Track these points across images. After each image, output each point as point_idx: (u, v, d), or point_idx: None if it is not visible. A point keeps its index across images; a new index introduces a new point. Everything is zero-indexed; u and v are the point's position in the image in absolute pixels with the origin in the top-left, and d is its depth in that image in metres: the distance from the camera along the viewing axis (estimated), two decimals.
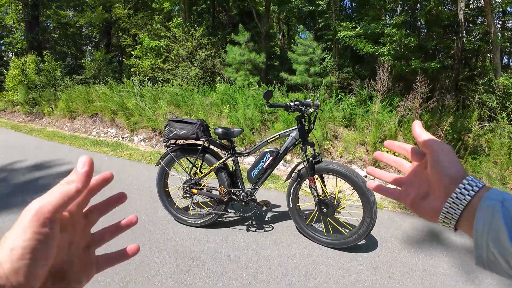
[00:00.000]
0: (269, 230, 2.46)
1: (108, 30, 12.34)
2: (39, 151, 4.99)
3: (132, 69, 9.07)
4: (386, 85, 5.40)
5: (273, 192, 3.25)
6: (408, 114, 5.29)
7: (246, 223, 2.56)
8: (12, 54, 14.67)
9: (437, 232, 2.53)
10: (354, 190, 2.05)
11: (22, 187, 3.41)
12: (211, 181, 2.48)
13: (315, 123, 2.21)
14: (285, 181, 2.34)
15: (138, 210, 2.80)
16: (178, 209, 2.57)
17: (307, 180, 2.17)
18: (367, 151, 5.04)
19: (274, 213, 2.77)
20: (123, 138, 6.75)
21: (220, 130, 2.23)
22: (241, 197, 2.28)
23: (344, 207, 2.34)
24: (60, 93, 9.05)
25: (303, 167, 2.17)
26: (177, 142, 2.45)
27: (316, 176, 2.18)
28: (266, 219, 2.67)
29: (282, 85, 6.70)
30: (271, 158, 2.18)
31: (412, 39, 7.28)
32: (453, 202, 0.35)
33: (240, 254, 2.14)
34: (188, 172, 2.40)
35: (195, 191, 2.37)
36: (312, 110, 2.10)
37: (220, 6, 12.88)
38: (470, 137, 4.74)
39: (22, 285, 0.24)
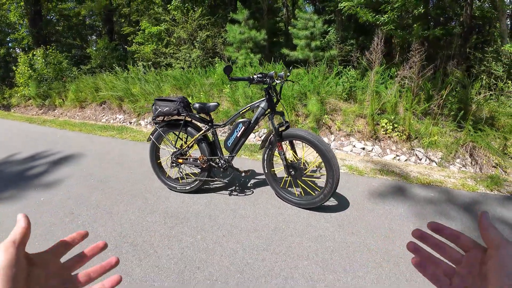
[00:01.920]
0: (249, 194, 2.83)
1: (110, 17, 12.74)
2: (53, 139, 5.56)
3: (135, 55, 9.47)
4: (381, 54, 5.48)
5: (260, 163, 3.61)
6: (406, 84, 5.32)
7: (229, 189, 2.94)
8: (19, 50, 15.42)
9: (408, 189, 2.82)
10: (318, 154, 2.35)
11: (19, 176, 3.95)
12: (196, 152, 2.85)
13: (281, 94, 2.49)
14: (260, 149, 2.68)
15: (136, 182, 3.24)
16: (170, 178, 2.98)
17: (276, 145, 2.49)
18: (366, 123, 5.17)
19: (256, 180, 3.14)
20: (131, 122, 7.26)
21: (197, 105, 2.58)
22: (220, 164, 2.64)
23: (310, 170, 2.65)
24: (69, 84, 9.62)
25: (272, 135, 2.49)
26: (164, 119, 2.82)
27: (287, 142, 2.50)
28: (248, 185, 3.04)
29: (284, 61, 6.86)
30: (243, 128, 2.51)
31: (417, 5, 7.17)
32: None
33: (219, 213, 2.53)
34: (174, 145, 2.78)
35: (180, 160, 2.76)
36: (277, 81, 2.39)
37: None
38: (472, 106, 4.82)
39: None
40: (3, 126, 7.83)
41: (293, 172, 2.49)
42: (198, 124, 2.78)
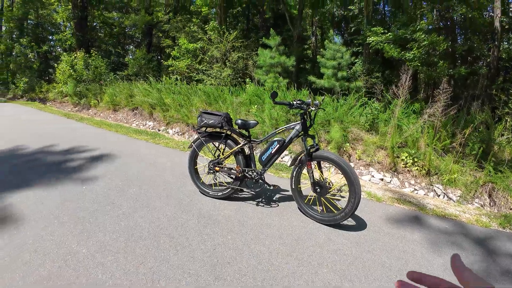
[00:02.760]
0: (275, 207, 3.11)
1: (150, 31, 13.68)
2: (91, 135, 6.05)
3: (169, 69, 10.12)
4: (407, 90, 5.74)
5: (284, 180, 3.90)
6: (429, 120, 5.51)
7: (257, 200, 3.23)
8: (61, 50, 16.59)
9: (424, 220, 3.03)
10: (343, 175, 2.63)
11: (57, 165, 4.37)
12: (231, 163, 3.19)
13: (315, 119, 2.82)
14: (289, 166, 2.99)
15: (171, 184, 3.59)
16: (204, 183, 3.31)
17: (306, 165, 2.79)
18: (386, 155, 5.34)
19: (281, 195, 3.42)
20: (160, 130, 7.73)
21: (239, 121, 2.93)
22: (253, 175, 2.96)
23: (334, 189, 2.92)
24: (105, 88, 10.33)
25: (303, 155, 2.80)
26: (206, 130, 3.18)
27: (315, 162, 2.80)
28: (274, 198, 3.32)
29: (310, 88, 7.25)
30: (278, 145, 2.84)
31: (442, 43, 7.48)
32: None
33: (247, 219, 2.82)
34: (213, 154, 3.13)
35: (217, 168, 3.09)
36: (312, 108, 2.73)
37: (254, 9, 13.71)
38: (494, 147, 4.81)
39: None
40: (41, 117, 8.46)
41: (318, 189, 2.76)
42: (237, 138, 3.12)
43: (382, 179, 4.83)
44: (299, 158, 2.83)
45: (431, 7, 7.96)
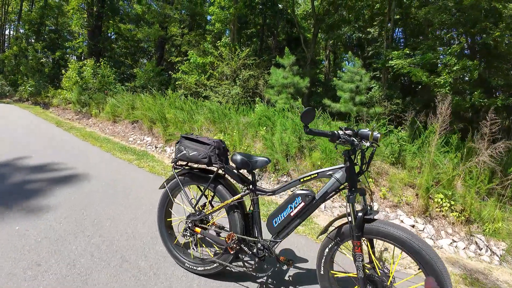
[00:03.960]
0: None
1: (163, 45, 12.82)
2: (71, 150, 4.84)
3: (177, 83, 9.07)
4: (447, 118, 4.47)
5: (301, 239, 2.54)
6: (471, 160, 4.30)
7: (259, 281, 1.89)
8: (73, 57, 15.88)
9: None
10: (420, 268, 1.31)
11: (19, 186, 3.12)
12: (223, 220, 1.87)
13: (370, 163, 1.52)
14: (318, 236, 1.66)
15: (138, 236, 2.28)
16: (178, 246, 2.00)
17: (350, 242, 1.47)
18: (416, 195, 4.11)
19: (298, 271, 2.07)
20: (157, 147, 6.53)
21: (239, 157, 1.65)
22: (255, 250, 1.64)
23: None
24: (109, 98, 9.29)
25: (346, 223, 1.48)
26: (188, 165, 1.90)
27: (364, 239, 1.48)
28: (287, 278, 1.97)
29: (325, 112, 6.05)
30: (302, 204, 1.53)
31: (472, 68, 6.26)
32: None
33: None
34: (195, 204, 1.82)
35: (198, 230, 1.78)
36: (367, 144, 1.45)
37: (268, 31, 12.80)
38: None
39: None
40: (30, 122, 7.37)
41: None
42: (234, 183, 1.82)
43: (413, 226, 3.66)
44: (338, 227, 1.51)
45: (463, 30, 6.78)
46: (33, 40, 15.93)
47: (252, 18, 12.59)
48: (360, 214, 1.43)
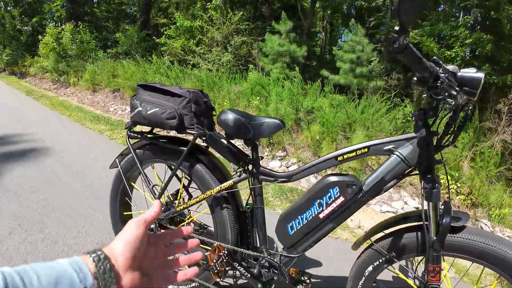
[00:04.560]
0: None
1: (148, 8, 11.49)
2: (37, 120, 4.01)
3: (162, 49, 8.04)
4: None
5: (332, 241, 1.89)
6: (484, 140, 3.84)
7: None
8: (51, 22, 14.31)
9: None
10: None
11: None
12: (207, 217, 1.19)
13: (459, 135, 0.84)
14: (357, 246, 1.00)
15: (92, 233, 1.60)
16: None
17: (411, 260, 0.83)
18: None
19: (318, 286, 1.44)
20: None
21: (231, 116, 0.95)
22: (257, 269, 0.97)
23: None
24: (89, 65, 8.24)
25: (413, 230, 0.82)
26: (153, 131, 1.18)
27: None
28: None
29: (323, 85, 5.34)
30: (341, 198, 0.86)
31: (486, 42, 5.61)
32: None
33: None
34: (159, 193, 1.12)
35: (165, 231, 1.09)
36: (463, 98, 0.75)
37: None
38: None
39: (125, 266, 0.36)
40: None
41: None
42: (221, 160, 1.11)
43: (417, 208, 3.28)
44: (395, 235, 0.85)
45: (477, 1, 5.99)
46: (11, 8, 14.16)
47: None
48: (447, 219, 0.77)
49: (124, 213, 1.34)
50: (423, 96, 0.83)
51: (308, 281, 1.10)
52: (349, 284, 1.05)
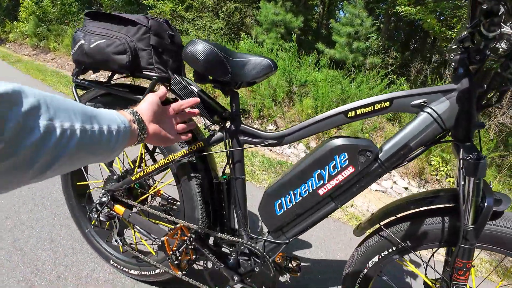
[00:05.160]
0: None
1: None
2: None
3: (149, 11, 7.44)
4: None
5: (330, 223, 1.69)
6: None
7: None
8: None
9: None
10: None
11: None
12: (173, 190, 0.93)
13: (505, 94, 0.59)
14: (359, 231, 0.78)
15: (52, 202, 1.34)
16: (101, 228, 1.05)
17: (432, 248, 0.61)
18: None
19: (309, 271, 1.24)
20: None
21: (202, 47, 0.66)
22: (233, 259, 0.73)
23: None
24: (70, 29, 7.58)
25: (439, 213, 0.60)
26: (110, 77, 0.89)
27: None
28: (283, 280, 1.13)
29: (319, 58, 5.01)
30: (350, 169, 0.61)
31: None
32: None
33: None
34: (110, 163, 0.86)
35: (119, 209, 0.84)
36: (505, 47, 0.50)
37: None
38: None
39: (148, 119, 0.56)
40: None
41: None
42: (192, 113, 0.83)
43: (406, 188, 3.17)
44: (413, 219, 0.62)
45: None
46: None
47: None
48: (490, 201, 0.55)
49: (77, 183, 1.08)
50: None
51: (296, 268, 0.89)
52: (347, 274, 0.84)
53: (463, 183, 0.59)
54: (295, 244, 1.45)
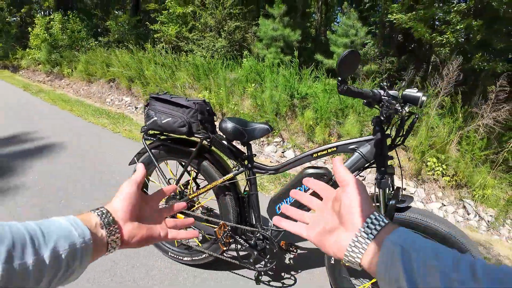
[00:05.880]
0: (290, 285, 1.47)
1: None
2: (39, 116, 4.21)
3: (155, 35, 8.09)
4: (452, 82, 4.09)
5: None
6: (470, 124, 4.07)
7: (256, 266, 1.57)
8: (39, 12, 14.12)
9: None
10: None
11: None
12: (213, 201, 1.48)
13: (407, 137, 1.12)
14: None
15: None
16: None
17: None
18: (408, 158, 3.93)
19: (302, 252, 1.76)
20: (137, 108, 5.97)
21: (230, 124, 1.22)
22: (253, 241, 1.27)
23: None
24: (81, 55, 8.29)
25: None
26: (164, 134, 1.45)
27: None
28: (287, 261, 1.67)
29: (318, 69, 5.51)
30: None
31: (476, 29, 5.77)
32: (359, 237, 0.34)
33: None
34: (175, 183, 1.41)
35: (180, 216, 1.39)
36: (405, 110, 1.04)
37: None
38: None
39: (125, 218, 0.44)
40: None
41: None
42: (224, 158, 1.40)
43: (404, 189, 3.71)
44: None
45: None
46: None
47: None
48: (392, 201, 1.07)
49: None
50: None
51: (295, 250, 1.41)
52: (325, 264, 1.36)
53: (377, 192, 1.12)
54: (295, 237, 1.96)
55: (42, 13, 13.25)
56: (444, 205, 3.35)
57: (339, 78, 0.88)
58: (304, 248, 1.82)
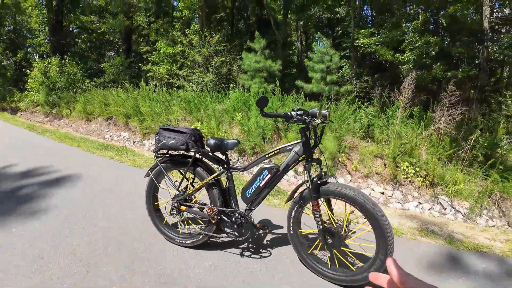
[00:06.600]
0: (266, 257, 2.13)
1: (129, 36, 12.52)
2: (48, 153, 4.90)
3: (148, 74, 9.04)
4: (409, 95, 4.90)
5: (277, 210, 2.91)
6: (432, 127, 4.76)
7: (240, 246, 2.24)
8: (35, 56, 15.16)
9: (458, 258, 2.13)
10: (366, 219, 1.69)
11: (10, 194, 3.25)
12: (204, 197, 2.17)
13: (322, 137, 1.86)
14: (285, 203, 2.00)
15: (127, 222, 2.55)
16: (167, 225, 2.30)
17: (310, 203, 1.82)
18: (384, 165, 4.55)
19: (275, 236, 2.44)
20: (135, 142, 6.66)
21: (212, 141, 1.94)
22: (233, 218, 1.96)
23: (353, 238, 1.95)
24: (78, 96, 9.12)
25: (306, 188, 1.83)
26: (168, 153, 2.18)
27: (322, 199, 1.84)
28: (265, 242, 2.34)
29: (298, 94, 6.36)
30: (269, 176, 1.86)
31: (433, 44, 6.74)
32: None
33: (227, 285, 1.82)
34: (177, 187, 2.12)
35: (183, 208, 2.08)
36: (319, 121, 1.77)
37: (239, 15, 12.80)
38: (498, 153, 4.17)
39: None
40: (1, 130, 7.22)
41: (330, 239, 1.80)
42: (211, 164, 2.13)
43: (383, 193, 4.05)
44: (300, 192, 1.86)
45: (423, 6, 7.21)
46: None
47: (221, 1, 12.52)
48: (315, 179, 1.78)
49: (155, 203, 2.30)
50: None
51: (266, 228, 2.09)
52: (286, 225, 2.03)
53: (306, 176, 1.83)
54: (267, 222, 2.62)
55: (38, 57, 14.30)
56: (421, 203, 3.75)
57: (260, 109, 1.64)
58: (277, 228, 2.50)
